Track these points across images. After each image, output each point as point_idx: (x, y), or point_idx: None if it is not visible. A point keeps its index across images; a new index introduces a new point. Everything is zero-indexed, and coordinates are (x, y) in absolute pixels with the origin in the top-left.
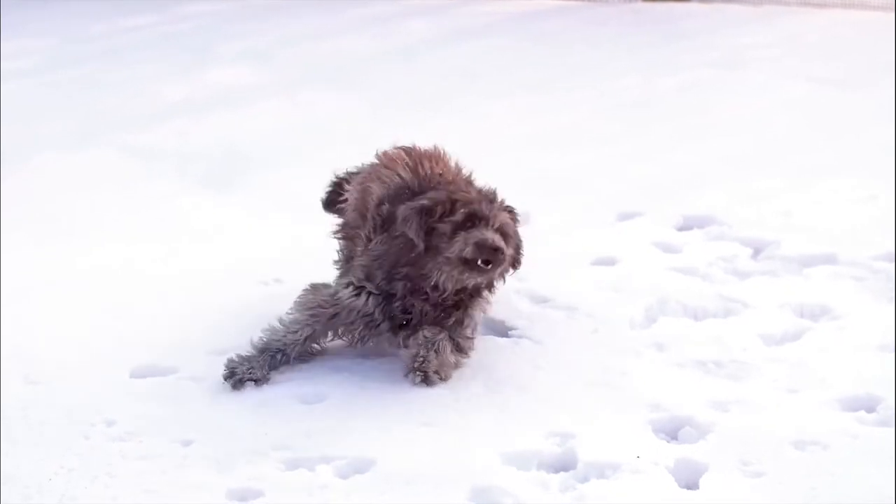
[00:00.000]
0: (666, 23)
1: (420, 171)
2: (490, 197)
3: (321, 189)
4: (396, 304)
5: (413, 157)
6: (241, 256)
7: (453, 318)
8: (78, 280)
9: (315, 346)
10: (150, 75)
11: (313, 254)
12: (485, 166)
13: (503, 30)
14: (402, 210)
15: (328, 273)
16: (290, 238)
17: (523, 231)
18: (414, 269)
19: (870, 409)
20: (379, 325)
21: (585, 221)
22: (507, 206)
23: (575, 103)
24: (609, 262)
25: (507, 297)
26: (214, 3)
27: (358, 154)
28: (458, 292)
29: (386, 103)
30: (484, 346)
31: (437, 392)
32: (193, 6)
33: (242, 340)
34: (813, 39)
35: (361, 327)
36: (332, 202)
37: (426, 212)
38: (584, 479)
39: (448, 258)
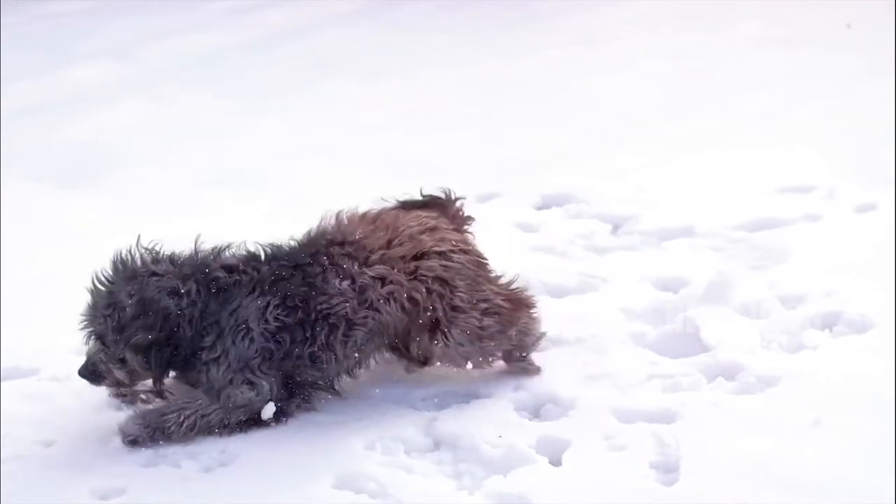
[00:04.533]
0: (521, 6)
1: None
2: None
3: (184, 183)
4: None
5: None
6: (103, 255)
7: None
8: None
9: None
10: (9, 76)
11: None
12: (344, 153)
13: (360, 19)
14: None
15: None
16: (154, 234)
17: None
18: None
19: (729, 378)
20: None
21: None
22: None
23: (433, 88)
24: None
25: None
26: (72, 3)
27: (222, 147)
28: None
29: (248, 95)
30: None
31: None
32: (51, 6)
33: None
34: (667, 16)
35: None
36: None
37: None
38: (450, 462)
39: None
